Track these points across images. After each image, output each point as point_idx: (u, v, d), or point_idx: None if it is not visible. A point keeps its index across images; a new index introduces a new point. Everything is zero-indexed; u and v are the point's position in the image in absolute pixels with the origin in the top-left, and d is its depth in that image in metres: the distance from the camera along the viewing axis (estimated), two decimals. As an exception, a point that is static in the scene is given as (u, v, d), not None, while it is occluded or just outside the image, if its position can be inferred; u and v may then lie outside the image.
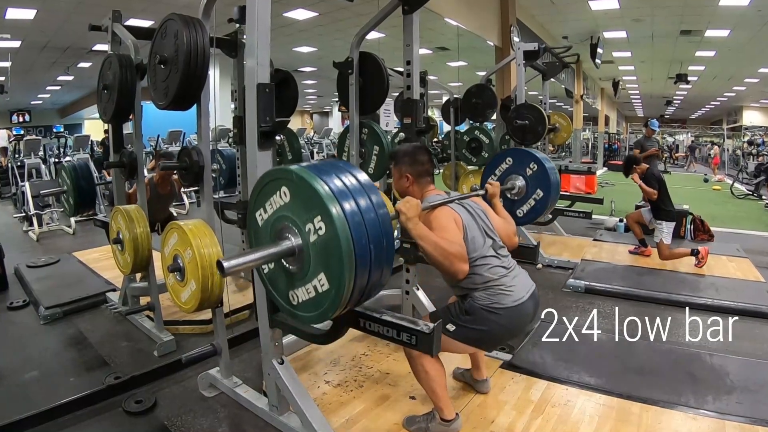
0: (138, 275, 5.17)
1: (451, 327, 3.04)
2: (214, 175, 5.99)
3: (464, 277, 2.92)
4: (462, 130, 8.48)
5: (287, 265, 2.41)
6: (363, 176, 2.34)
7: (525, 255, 4.25)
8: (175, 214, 6.73)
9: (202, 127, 3.68)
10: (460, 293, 3.14)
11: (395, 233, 4.99)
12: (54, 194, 5.73)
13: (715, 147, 28.21)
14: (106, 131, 13.25)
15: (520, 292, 3.07)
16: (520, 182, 4.93)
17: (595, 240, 8.60)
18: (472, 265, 2.98)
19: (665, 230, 7.06)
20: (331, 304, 2.22)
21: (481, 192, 3.62)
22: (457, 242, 2.90)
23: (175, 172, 6.13)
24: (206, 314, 3.83)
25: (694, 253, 6.93)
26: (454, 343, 3.07)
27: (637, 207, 7.98)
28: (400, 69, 4.37)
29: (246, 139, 3.06)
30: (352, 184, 2.25)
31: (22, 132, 23.75)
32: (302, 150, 9.46)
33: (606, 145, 29.65)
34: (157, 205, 5.78)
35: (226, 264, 2.11)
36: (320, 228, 2.18)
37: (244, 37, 3.44)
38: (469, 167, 8.46)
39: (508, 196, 4.94)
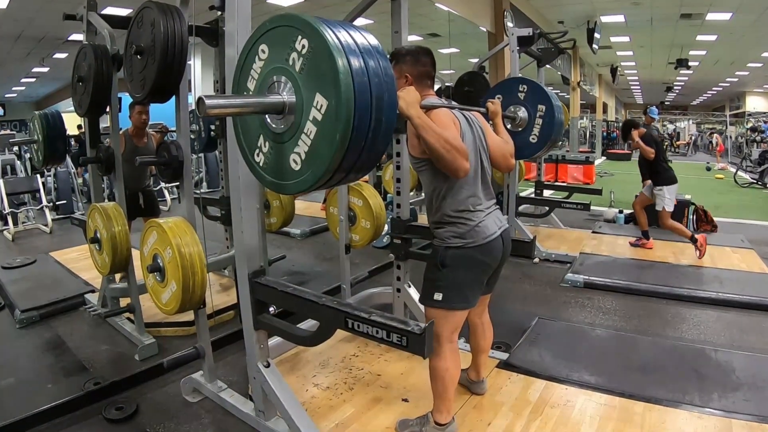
0: (117, 276, 5.14)
1: (438, 296, 3.00)
2: (192, 137, 5.97)
3: (465, 175, 2.82)
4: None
5: (278, 127, 2.30)
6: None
7: (521, 249, 4.23)
8: (152, 183, 6.63)
9: (181, 120, 3.64)
10: (435, 227, 3.09)
11: (385, 228, 4.99)
12: (24, 143, 5.64)
13: (716, 135, 28.29)
14: (79, 126, 13.24)
15: (490, 228, 3.02)
16: (520, 112, 4.88)
17: (594, 232, 8.61)
18: (455, 186, 2.94)
19: (667, 196, 7.10)
20: (336, 123, 2.04)
21: (482, 110, 3.48)
22: (459, 138, 2.82)
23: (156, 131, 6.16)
24: (189, 315, 3.81)
25: (693, 240, 6.95)
26: (451, 314, 3.04)
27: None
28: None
29: (227, 131, 3.03)
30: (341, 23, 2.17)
31: (-5, 127, 23.67)
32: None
33: (604, 134, 29.68)
34: (133, 160, 5.75)
35: (208, 101, 2.03)
36: (303, 47, 2.10)
37: (225, 25, 3.42)
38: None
39: (511, 128, 4.86)
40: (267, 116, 2.32)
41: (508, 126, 4.82)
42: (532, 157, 6.24)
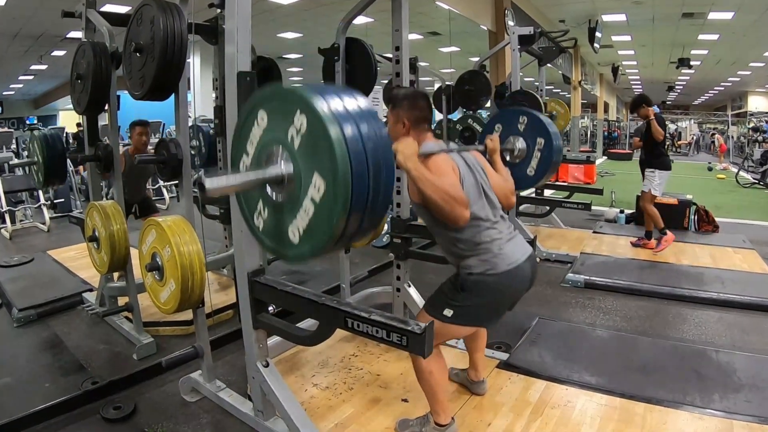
0: (115, 274, 5.13)
1: (448, 312, 2.97)
2: (193, 153, 5.98)
3: (465, 224, 2.82)
4: (455, 119, 8.48)
5: (278, 198, 2.29)
6: (356, 93, 2.20)
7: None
8: (152, 195, 6.66)
9: (180, 119, 3.64)
10: (453, 260, 3.08)
11: (384, 227, 4.99)
12: (24, 165, 5.66)
13: (717, 135, 28.27)
14: (78, 124, 13.26)
15: (514, 255, 3.00)
16: (519, 143, 4.88)
17: (594, 232, 8.61)
18: (468, 222, 2.89)
19: (657, 180, 7.12)
20: (334, 205, 2.03)
21: (481, 147, 3.52)
22: (457, 186, 2.81)
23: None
24: (188, 315, 3.81)
25: (662, 232, 7.01)
26: (455, 329, 3.04)
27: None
28: (389, 55, 4.34)
29: (227, 130, 3.03)
30: (338, 89, 2.16)
31: (-7, 124, 23.64)
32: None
33: (605, 133, 29.69)
34: (133, 179, 5.72)
35: (208, 183, 2.03)
36: (301, 124, 2.08)
37: (225, 23, 3.42)
38: (462, 157, 8.45)
39: (509, 159, 4.88)
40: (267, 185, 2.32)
41: (507, 158, 4.83)
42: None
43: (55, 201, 10.53)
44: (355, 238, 2.23)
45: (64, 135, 15.41)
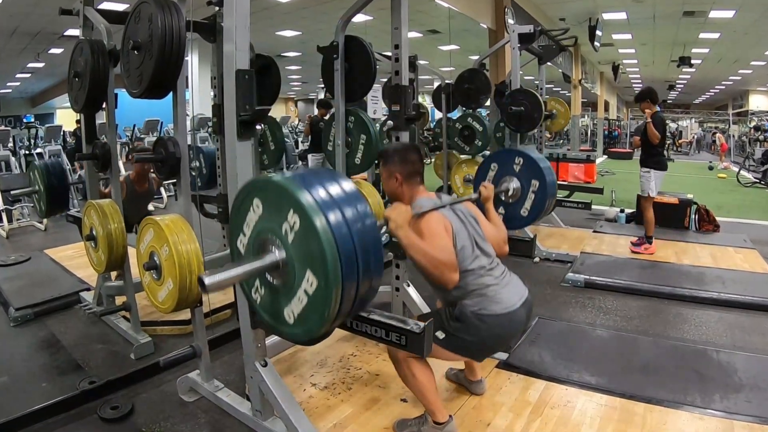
0: (113, 274, 5.13)
1: (440, 334, 3.05)
2: (194, 174, 6.00)
3: (454, 287, 2.91)
4: (454, 118, 8.47)
5: (274, 282, 2.38)
6: (344, 180, 2.31)
7: (521, 248, 4.24)
8: (151, 208, 6.65)
9: (178, 117, 3.65)
10: (449, 301, 3.14)
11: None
12: (25, 195, 5.69)
13: (719, 134, 28.25)
14: (78, 121, 13.25)
15: (511, 300, 3.07)
16: (513, 183, 4.93)
17: (595, 232, 8.60)
18: (460, 274, 2.97)
19: (651, 180, 7.12)
20: (325, 301, 2.14)
21: (474, 196, 3.62)
22: (448, 250, 2.89)
23: (153, 169, 6.16)
24: (185, 314, 3.81)
25: (648, 239, 7.17)
26: (443, 352, 3.07)
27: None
28: (389, 53, 4.34)
29: (225, 128, 3.03)
30: (324, 180, 2.23)
31: (-10, 123, 23.60)
32: (285, 140, 9.44)
33: (606, 132, 29.68)
34: (133, 204, 5.74)
35: (207, 280, 2.09)
36: (295, 223, 2.15)
37: (223, 20, 3.42)
38: (461, 156, 8.47)
39: (504, 199, 4.94)
40: None
41: (501, 197, 4.89)
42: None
43: (52, 199, 10.51)
44: (349, 316, 2.35)
45: (62, 133, 15.38)
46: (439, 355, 3.08)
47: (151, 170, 6.12)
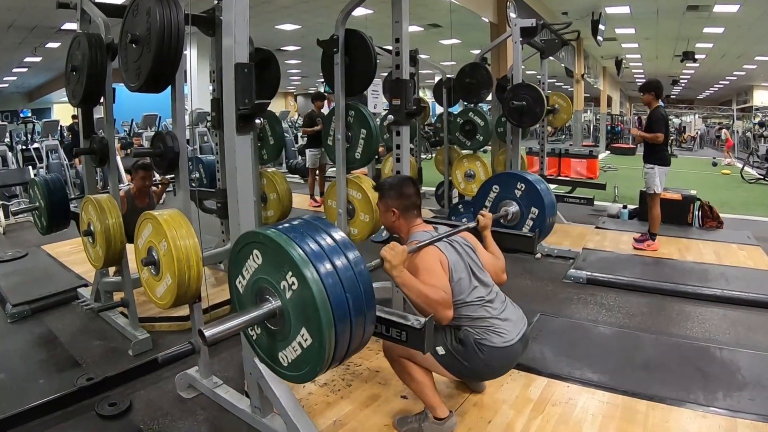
0: (111, 269, 5.14)
1: (440, 350, 3.09)
2: (194, 184, 6.02)
3: (448, 323, 2.94)
4: (455, 112, 8.47)
5: (271, 327, 2.44)
6: (336, 231, 2.40)
7: (522, 244, 4.24)
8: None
9: (177, 111, 3.64)
10: (451, 325, 3.14)
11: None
12: (27, 211, 5.71)
13: (725, 130, 28.19)
14: (74, 116, 13.25)
15: (511, 334, 3.10)
16: (512, 208, 4.97)
17: (597, 228, 8.60)
18: (457, 307, 3.01)
19: (656, 176, 7.12)
20: (318, 357, 2.24)
21: (472, 225, 3.64)
22: (442, 287, 2.91)
23: (155, 184, 6.18)
24: (184, 310, 3.82)
25: (652, 235, 7.14)
26: (437, 366, 3.13)
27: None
28: (389, 47, 4.34)
29: (224, 123, 3.03)
30: (322, 239, 2.32)
31: (-14, 118, 23.59)
32: (285, 134, 9.44)
33: (608, 127, 29.64)
34: (134, 218, 5.75)
35: (207, 333, 2.17)
36: (293, 283, 2.23)
37: (222, 14, 3.41)
38: (462, 151, 8.46)
39: (503, 222, 4.96)
40: None
41: (501, 221, 4.91)
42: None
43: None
44: (343, 362, 2.45)
45: (59, 128, 15.38)
46: (433, 367, 3.13)
47: (152, 185, 6.14)
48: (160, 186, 6.43)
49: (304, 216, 2.50)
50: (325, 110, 10.19)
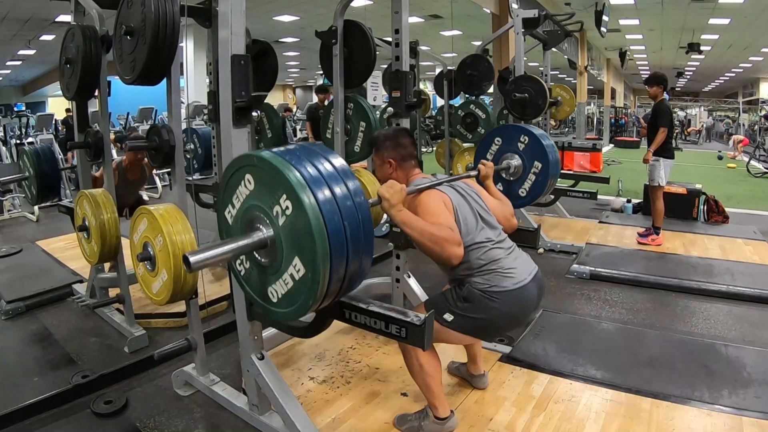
0: (106, 265, 5.13)
1: (448, 317, 3.01)
2: (188, 156, 5.99)
3: (459, 262, 2.88)
4: (456, 105, 8.45)
5: (261, 259, 2.40)
6: (334, 156, 2.33)
7: (525, 239, 4.23)
8: (146, 197, 6.62)
9: (172, 104, 3.63)
10: (456, 280, 3.12)
11: (384, 216, 4.99)
12: (15, 181, 5.69)
13: (735, 137, 28.12)
14: (68, 110, 13.25)
15: (521, 275, 3.03)
16: (515, 161, 4.89)
17: (601, 222, 8.61)
18: (466, 249, 2.93)
19: (661, 169, 7.12)
20: (310, 291, 2.18)
21: (473, 173, 3.59)
22: (447, 225, 2.85)
23: (146, 155, 6.15)
24: (180, 306, 3.81)
25: (656, 230, 7.16)
26: (452, 334, 3.05)
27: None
28: (389, 39, 4.33)
29: (220, 115, 3.02)
30: (321, 164, 2.24)
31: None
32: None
33: (612, 120, 29.66)
34: (125, 191, 5.73)
35: (192, 258, 2.10)
36: (287, 208, 2.16)
37: (219, 5, 3.41)
38: (464, 144, 8.46)
39: (504, 176, 4.91)
40: None
41: (502, 175, 4.85)
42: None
43: (44, 190, 10.50)
44: (336, 298, 2.38)
45: (53, 122, 15.38)
46: (449, 338, 3.07)
47: (144, 158, 6.11)
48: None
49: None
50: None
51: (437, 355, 3.11)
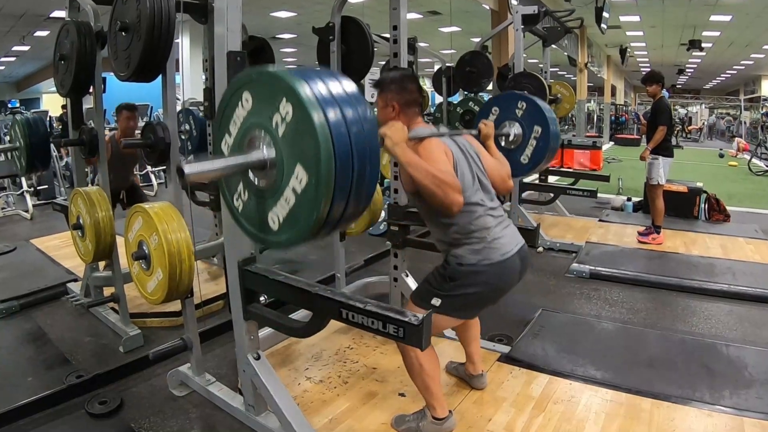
0: (101, 264, 5.13)
1: (436, 301, 2.99)
2: (183, 137, 5.97)
3: (459, 210, 2.79)
4: (455, 101, 8.45)
5: (259, 182, 2.29)
6: (339, 75, 2.22)
7: (524, 238, 4.22)
8: (139, 182, 6.57)
9: (168, 101, 3.63)
10: (444, 248, 3.09)
11: (382, 214, 4.99)
12: (5, 151, 5.65)
13: (738, 140, 28.11)
14: (63, 106, 13.23)
15: (508, 245, 3.02)
16: (515, 129, 4.85)
17: (601, 221, 8.62)
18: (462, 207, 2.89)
19: (660, 167, 7.12)
20: (314, 203, 2.05)
21: (474, 132, 3.52)
22: (450, 172, 2.81)
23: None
24: (176, 305, 3.81)
25: (656, 228, 7.18)
26: (443, 319, 3.04)
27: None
28: (387, 35, 4.33)
29: (215, 113, 3.02)
30: (321, 77, 2.13)
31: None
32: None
33: (612, 118, 29.65)
34: (119, 165, 5.70)
35: (187, 168, 2.04)
36: (287, 113, 2.07)
37: (215, 0, 3.41)
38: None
39: (504, 144, 4.86)
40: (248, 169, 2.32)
41: (501, 143, 4.80)
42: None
43: (38, 188, 10.52)
44: (337, 227, 2.25)
45: (48, 119, 15.37)
46: (438, 322, 3.00)
47: (136, 128, 6.09)
48: None
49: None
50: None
51: (436, 355, 3.11)
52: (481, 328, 3.70)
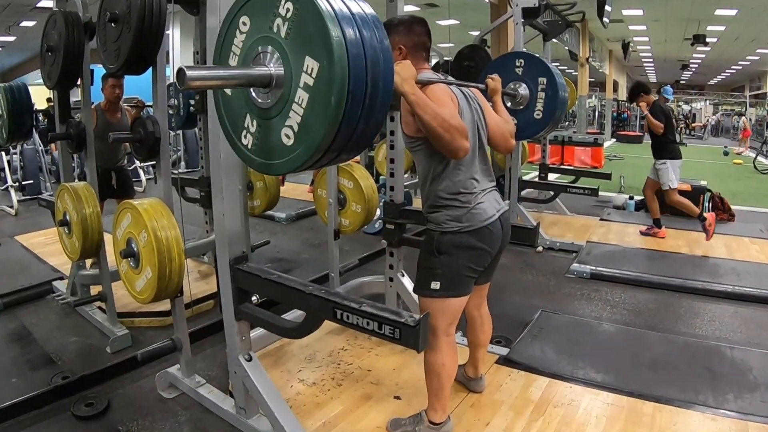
0: (88, 262, 5.12)
1: (435, 285, 3.00)
2: (171, 112, 5.94)
3: (465, 155, 2.78)
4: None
5: (266, 102, 2.21)
6: None
7: (523, 237, 4.22)
8: (126, 162, 6.50)
9: (158, 94, 3.62)
10: (429, 211, 3.08)
11: (377, 212, 4.98)
12: None
13: (743, 118, 28.16)
14: (49, 100, 13.19)
15: (489, 211, 3.02)
16: (521, 88, 4.82)
17: (602, 220, 8.62)
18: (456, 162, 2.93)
19: (670, 172, 7.17)
20: (330, 81, 1.96)
21: (482, 86, 3.46)
22: (457, 116, 2.79)
23: (132, 106, 6.11)
24: (165, 305, 3.80)
25: (701, 219, 7.02)
26: (448, 302, 3.04)
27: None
28: (384, 28, 4.31)
29: (207, 106, 3.01)
30: None
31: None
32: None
33: (614, 114, 29.69)
34: (106, 136, 5.70)
35: (189, 72, 1.98)
36: (288, 9, 2.04)
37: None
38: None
39: (511, 106, 4.80)
40: (252, 91, 2.25)
41: (509, 104, 4.76)
42: (536, 137, 6.22)
43: (23, 182, 10.50)
44: (346, 152, 2.22)
45: (33, 113, 15.29)
46: (447, 307, 3.04)
47: (122, 97, 6.06)
48: (134, 110, 6.28)
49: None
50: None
51: (457, 355, 3.13)
52: (478, 329, 3.69)
